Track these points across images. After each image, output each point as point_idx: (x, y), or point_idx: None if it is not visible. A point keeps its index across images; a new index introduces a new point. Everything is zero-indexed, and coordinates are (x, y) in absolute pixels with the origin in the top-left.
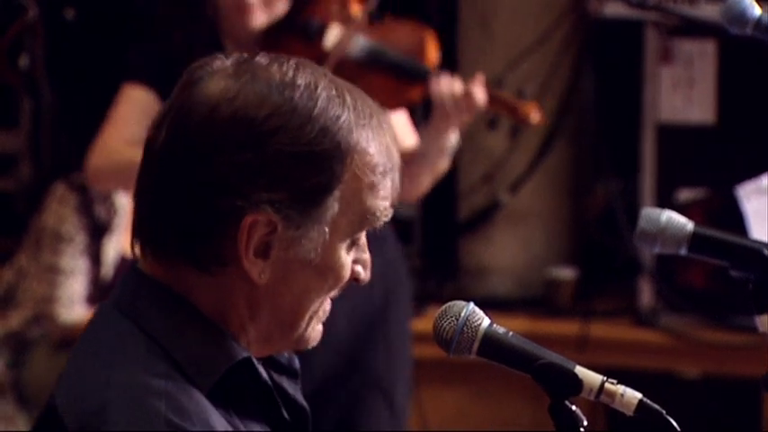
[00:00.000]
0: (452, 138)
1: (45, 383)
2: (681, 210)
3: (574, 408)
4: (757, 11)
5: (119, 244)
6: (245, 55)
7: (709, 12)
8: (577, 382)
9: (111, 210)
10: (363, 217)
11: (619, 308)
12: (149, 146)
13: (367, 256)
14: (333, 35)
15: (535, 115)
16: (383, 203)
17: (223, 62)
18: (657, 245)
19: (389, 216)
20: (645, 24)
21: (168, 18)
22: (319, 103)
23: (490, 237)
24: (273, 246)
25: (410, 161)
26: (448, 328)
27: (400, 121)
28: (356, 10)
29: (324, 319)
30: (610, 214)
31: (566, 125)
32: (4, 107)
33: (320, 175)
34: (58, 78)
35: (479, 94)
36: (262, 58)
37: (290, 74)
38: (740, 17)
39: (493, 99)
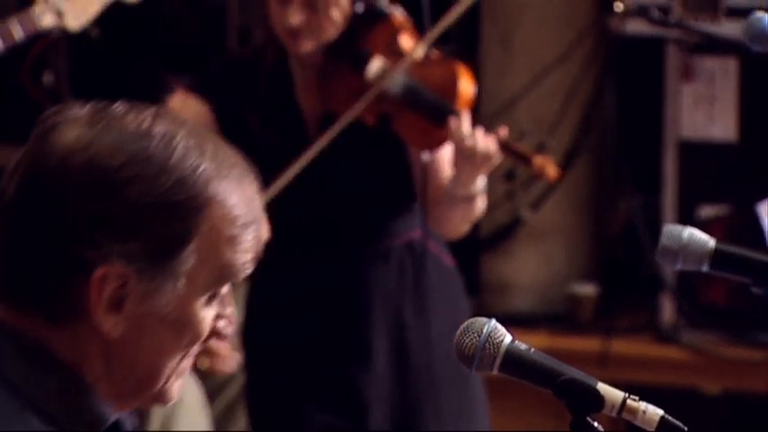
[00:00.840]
0: (479, 183)
1: None
2: (702, 226)
3: (596, 424)
4: None
5: None
6: (102, 104)
7: (730, 29)
8: (599, 399)
9: None
10: (222, 271)
11: (640, 324)
12: (1, 194)
13: (231, 310)
14: (375, 67)
15: (551, 170)
16: (244, 257)
17: (78, 110)
18: (679, 261)
19: (251, 270)
20: (666, 42)
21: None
22: (176, 153)
23: (512, 253)
24: (127, 299)
25: (440, 201)
26: (470, 344)
27: (445, 156)
28: (406, 43)
29: (184, 374)
30: (631, 231)
31: (587, 142)
32: (28, 124)
33: (176, 227)
34: (82, 95)
35: (492, 146)
36: (119, 107)
37: (146, 123)
38: (762, 34)
39: (509, 150)
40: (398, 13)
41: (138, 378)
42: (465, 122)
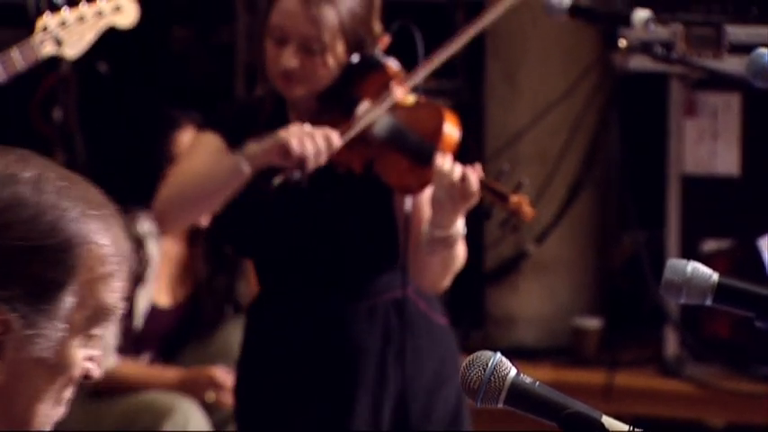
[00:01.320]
0: (458, 225)
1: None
2: (706, 260)
3: None
4: None
5: (150, 293)
6: None
7: (733, 65)
8: None
9: (143, 260)
10: (99, 311)
11: (644, 357)
12: None
13: (99, 352)
14: (361, 109)
15: (527, 209)
16: (117, 296)
17: None
18: (683, 295)
19: (123, 309)
20: (669, 77)
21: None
22: (46, 195)
23: (517, 286)
24: (7, 346)
25: (419, 248)
26: (475, 377)
27: (425, 201)
28: (397, 89)
29: (57, 417)
30: (635, 264)
31: (592, 176)
32: None
33: (53, 270)
34: (91, 131)
35: (473, 183)
36: None
37: (14, 167)
38: (764, 71)
39: (487, 188)
40: (393, 64)
41: (13, 423)
42: (447, 161)
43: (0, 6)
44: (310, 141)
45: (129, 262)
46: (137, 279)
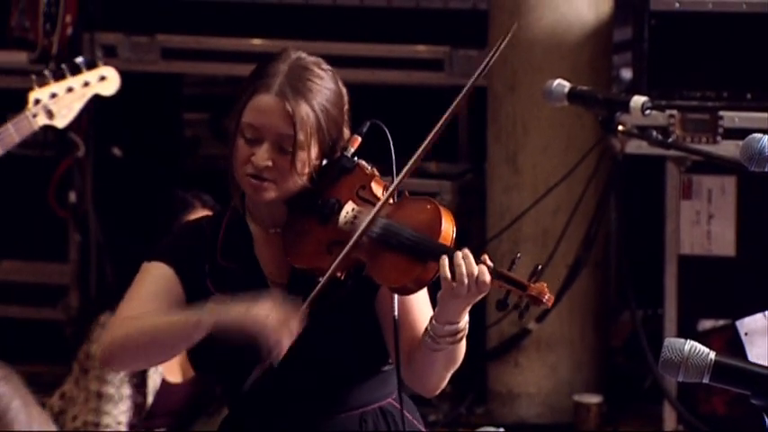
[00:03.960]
0: (462, 321)
1: None
2: (702, 339)
3: None
4: None
5: (160, 370)
6: None
7: (728, 149)
8: None
9: None
10: None
11: None
12: None
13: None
14: (347, 214)
15: (547, 297)
16: None
17: None
18: (681, 373)
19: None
20: (666, 161)
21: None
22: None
23: (518, 363)
24: None
25: (418, 349)
26: None
27: (421, 304)
28: (376, 190)
29: None
30: (634, 342)
31: (591, 256)
32: (54, 241)
33: None
34: (105, 214)
35: (486, 276)
36: None
37: None
38: (758, 155)
39: (503, 278)
40: (365, 164)
41: None
42: (455, 257)
43: None
44: (286, 334)
45: None
46: None
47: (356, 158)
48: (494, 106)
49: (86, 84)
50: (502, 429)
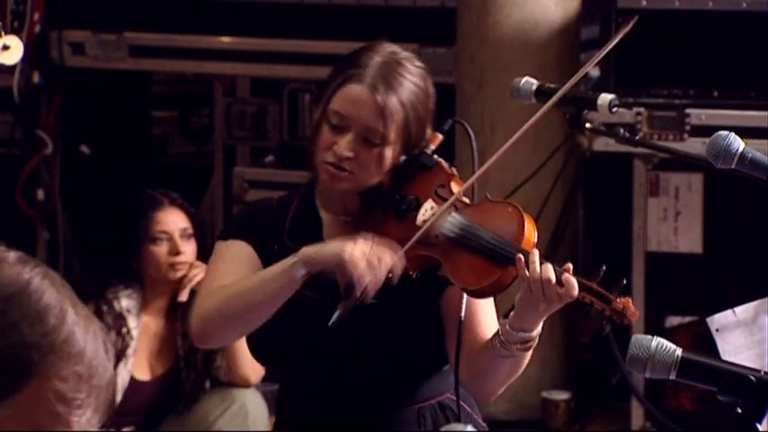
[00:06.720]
0: (536, 330)
1: None
2: (669, 335)
3: None
4: (741, 146)
5: (129, 368)
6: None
7: (694, 146)
8: None
9: (126, 337)
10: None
11: (611, 430)
12: None
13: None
14: (425, 211)
15: (632, 312)
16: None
17: None
18: (648, 370)
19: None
20: (633, 158)
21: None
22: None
23: None
24: None
25: (481, 353)
26: None
27: (487, 308)
28: (456, 190)
29: None
30: (602, 339)
31: (558, 254)
32: (22, 239)
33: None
34: (74, 212)
35: (573, 282)
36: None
37: (27, 276)
38: (724, 153)
39: (587, 290)
40: (445, 163)
41: None
42: (537, 261)
43: None
44: (373, 271)
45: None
46: (118, 354)
47: (436, 156)
48: (462, 104)
49: None
50: (470, 426)
